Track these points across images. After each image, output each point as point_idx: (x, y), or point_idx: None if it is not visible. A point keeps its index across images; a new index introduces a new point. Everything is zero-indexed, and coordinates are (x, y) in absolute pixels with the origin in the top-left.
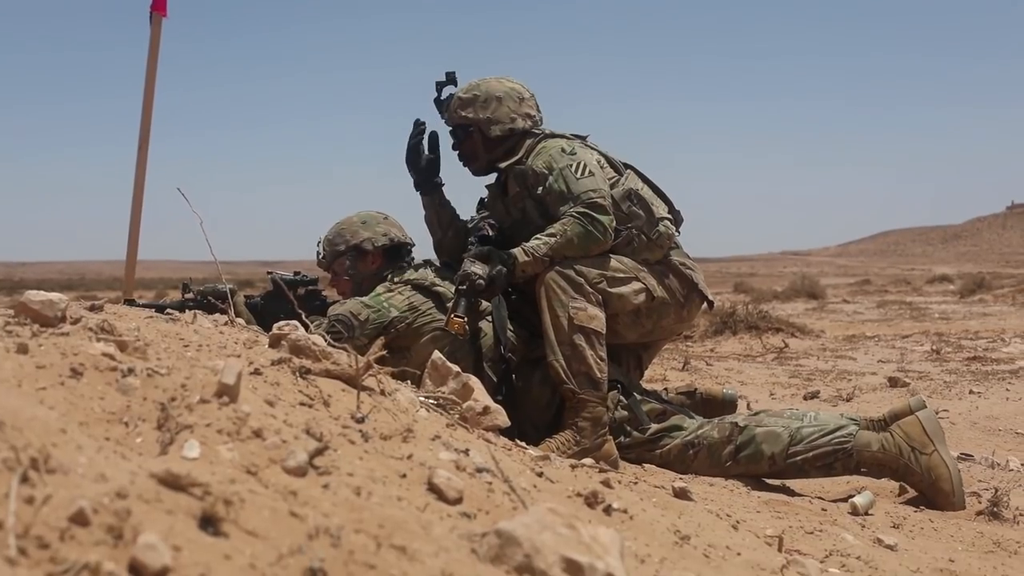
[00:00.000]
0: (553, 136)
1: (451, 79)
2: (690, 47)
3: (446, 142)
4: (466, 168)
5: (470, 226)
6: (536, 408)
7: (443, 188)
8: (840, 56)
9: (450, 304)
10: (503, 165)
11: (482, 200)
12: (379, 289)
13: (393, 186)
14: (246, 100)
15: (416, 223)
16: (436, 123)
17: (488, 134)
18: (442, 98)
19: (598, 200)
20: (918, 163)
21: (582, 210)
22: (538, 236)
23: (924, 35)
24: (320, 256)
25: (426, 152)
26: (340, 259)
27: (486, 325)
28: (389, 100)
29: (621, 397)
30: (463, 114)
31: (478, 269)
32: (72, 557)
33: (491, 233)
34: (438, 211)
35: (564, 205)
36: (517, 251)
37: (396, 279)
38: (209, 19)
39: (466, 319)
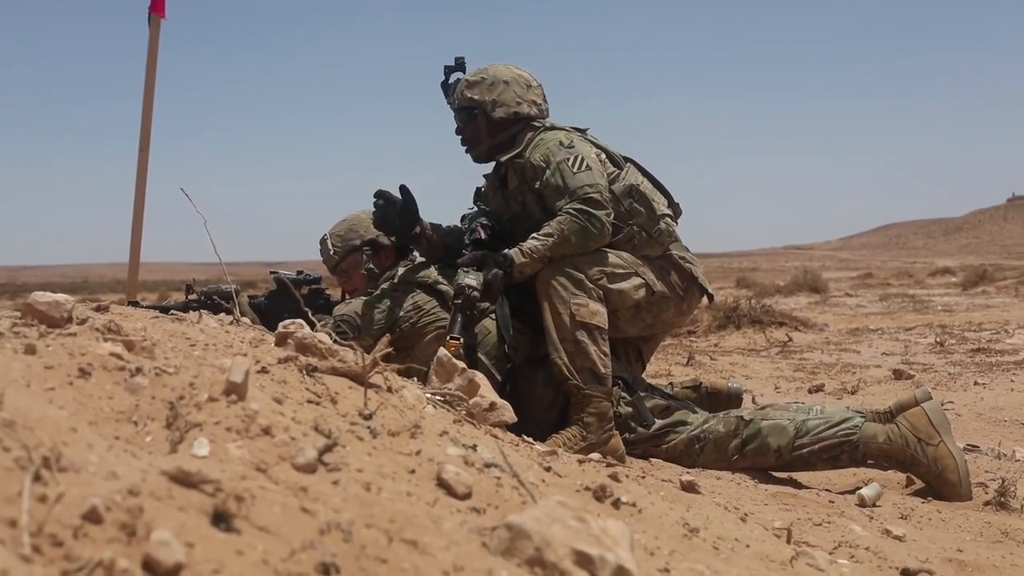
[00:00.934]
0: (553, 129)
1: (460, 64)
2: (689, 39)
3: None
4: (467, 154)
5: (464, 225)
6: (539, 408)
7: (427, 234)
8: (840, 48)
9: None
10: (503, 159)
11: (478, 190)
12: (384, 288)
13: (395, 184)
14: (246, 99)
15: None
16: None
17: (492, 116)
18: (449, 82)
19: (594, 195)
20: (919, 156)
21: (578, 206)
22: (535, 236)
23: (924, 26)
24: (330, 252)
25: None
26: (354, 254)
27: (490, 323)
28: (390, 97)
29: (624, 394)
30: (468, 95)
31: (471, 281)
32: (86, 554)
33: (484, 236)
34: (431, 251)
35: (560, 200)
36: (514, 252)
37: (400, 278)
38: (207, 19)
39: (461, 340)
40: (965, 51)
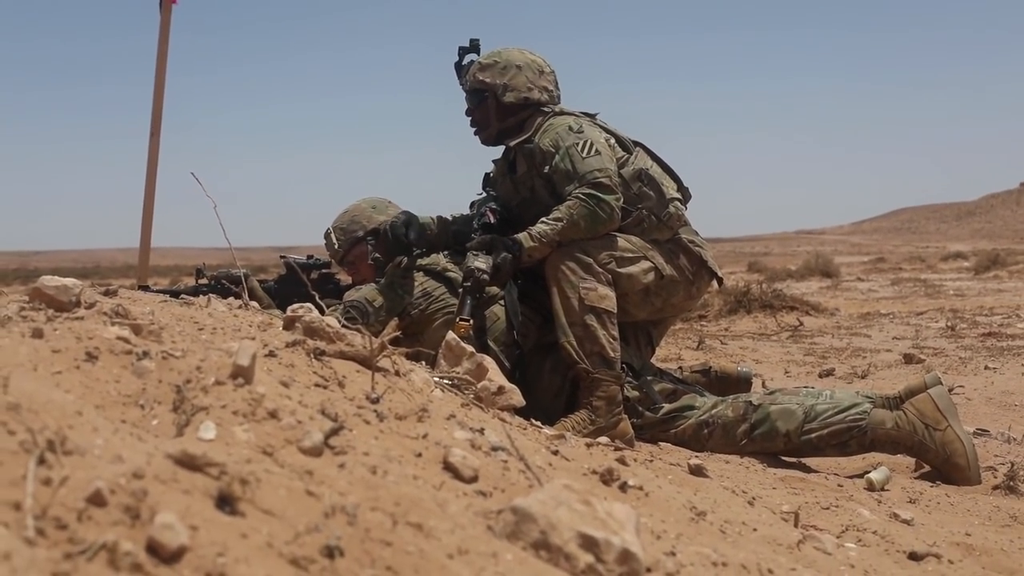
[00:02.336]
0: (562, 114)
1: (474, 46)
2: (702, 23)
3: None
4: (476, 136)
5: (472, 212)
6: (546, 395)
7: (427, 235)
8: (853, 32)
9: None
10: (512, 143)
11: (487, 175)
12: (392, 275)
13: (402, 170)
14: (259, 85)
15: (418, 208)
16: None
17: (502, 100)
18: (463, 63)
19: (603, 180)
20: (931, 140)
21: (588, 191)
22: (544, 220)
23: (934, 11)
24: (334, 246)
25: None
26: (359, 245)
27: (499, 309)
28: (403, 83)
29: (630, 378)
30: (480, 77)
31: (481, 264)
32: (90, 537)
33: (493, 220)
34: (432, 248)
35: (570, 185)
36: (523, 236)
37: (407, 265)
38: (219, 3)
39: (471, 321)
40: (978, 33)
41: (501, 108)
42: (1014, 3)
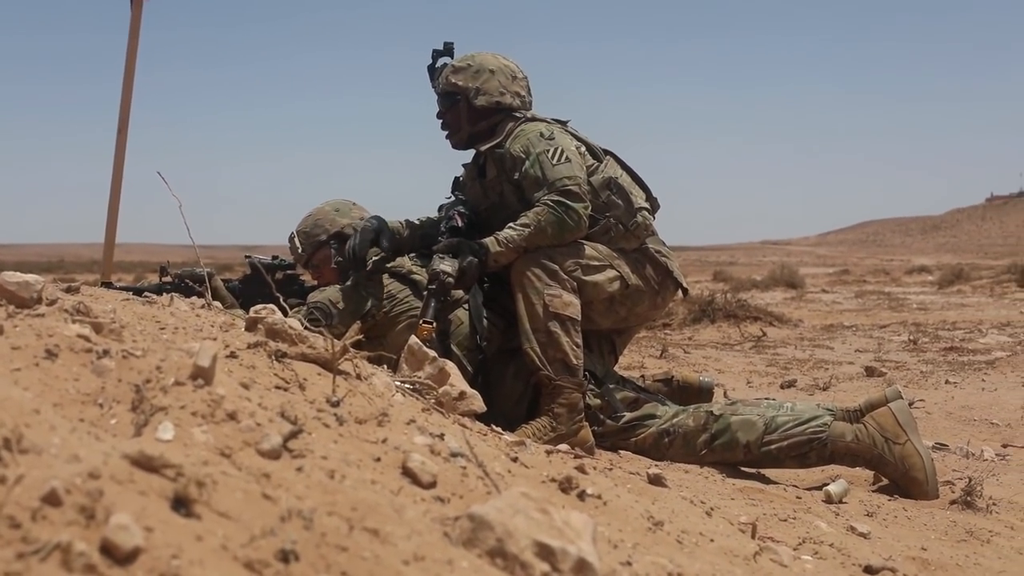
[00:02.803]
0: (534, 120)
1: (448, 49)
2: (671, 32)
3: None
4: (447, 140)
5: (440, 215)
6: (508, 402)
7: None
8: (821, 45)
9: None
10: (483, 148)
11: (456, 179)
12: (357, 277)
13: (371, 170)
14: (226, 84)
15: (383, 210)
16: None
17: (474, 103)
18: (436, 66)
19: (572, 188)
20: (898, 154)
21: (556, 198)
22: (512, 225)
23: (904, 26)
24: (298, 250)
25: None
26: (323, 249)
27: (463, 313)
28: (370, 83)
29: (592, 386)
30: (453, 80)
31: (447, 267)
32: (44, 537)
33: (460, 224)
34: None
35: (539, 191)
36: (490, 241)
37: (372, 267)
38: (189, 1)
39: (435, 324)
40: (946, 51)
41: (472, 112)
42: (983, 20)
